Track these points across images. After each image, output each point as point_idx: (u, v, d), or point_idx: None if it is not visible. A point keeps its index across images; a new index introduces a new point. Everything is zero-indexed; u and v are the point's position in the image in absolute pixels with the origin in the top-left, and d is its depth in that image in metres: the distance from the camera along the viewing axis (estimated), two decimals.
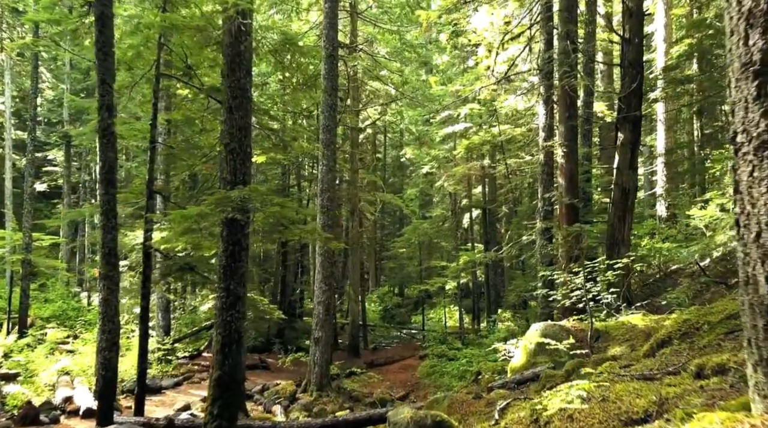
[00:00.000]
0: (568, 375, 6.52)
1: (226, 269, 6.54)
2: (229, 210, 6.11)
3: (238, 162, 6.65)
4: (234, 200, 6.16)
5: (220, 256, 6.58)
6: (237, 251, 6.58)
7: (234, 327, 6.45)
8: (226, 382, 6.30)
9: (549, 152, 13.09)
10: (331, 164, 13.90)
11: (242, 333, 6.51)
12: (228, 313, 6.47)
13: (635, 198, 12.25)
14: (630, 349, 6.92)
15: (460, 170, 22.87)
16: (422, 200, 36.37)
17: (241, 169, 6.67)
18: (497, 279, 26.99)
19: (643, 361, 4.83)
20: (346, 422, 7.81)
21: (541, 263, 12.26)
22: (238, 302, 6.54)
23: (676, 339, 5.22)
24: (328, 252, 13.82)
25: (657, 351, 5.31)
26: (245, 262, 6.65)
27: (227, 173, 6.64)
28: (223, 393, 6.29)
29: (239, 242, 6.57)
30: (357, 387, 14.50)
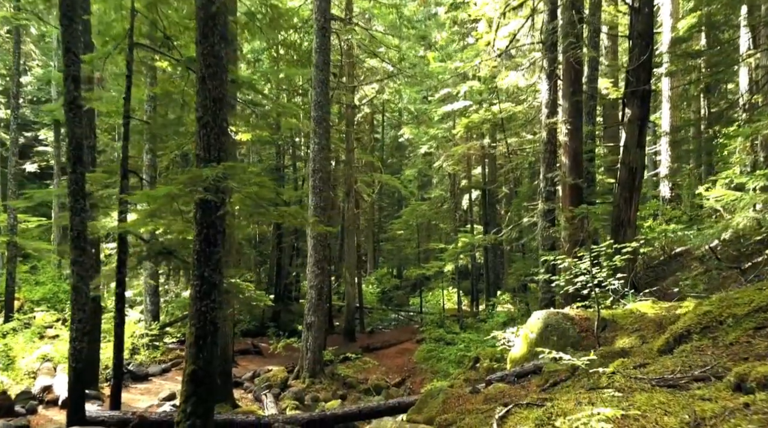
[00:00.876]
0: (573, 370, 6.00)
1: (200, 254, 5.97)
2: (200, 190, 5.52)
3: (212, 137, 6.04)
4: (206, 179, 5.57)
5: (194, 241, 6.00)
6: (212, 234, 6.00)
7: (209, 318, 5.91)
8: (200, 377, 5.78)
9: (552, 130, 12.45)
10: (324, 143, 13.27)
11: (218, 324, 5.97)
12: (202, 303, 5.92)
13: (642, 178, 11.66)
14: (640, 341, 6.39)
15: (459, 150, 22.22)
16: (421, 181, 35.72)
17: (215, 145, 6.06)
18: (496, 261, 26.51)
19: (660, 360, 4.29)
20: (334, 416, 7.33)
21: (542, 246, 11.70)
22: (213, 291, 5.98)
23: (695, 334, 4.67)
24: (320, 235, 13.27)
25: (674, 347, 4.77)
26: (221, 247, 6.07)
27: (200, 149, 6.03)
28: (197, 389, 5.78)
29: (214, 225, 5.99)
30: (351, 373, 14.06)
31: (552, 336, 7.42)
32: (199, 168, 5.80)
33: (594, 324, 7.39)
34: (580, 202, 11.51)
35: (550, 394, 5.71)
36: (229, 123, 9.77)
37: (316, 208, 13.27)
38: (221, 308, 6.14)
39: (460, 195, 28.06)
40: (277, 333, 21.75)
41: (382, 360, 17.04)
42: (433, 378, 14.60)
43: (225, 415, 7.42)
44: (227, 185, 5.61)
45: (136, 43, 8.26)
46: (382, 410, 7.30)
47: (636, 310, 7.47)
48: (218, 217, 6.05)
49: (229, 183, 5.60)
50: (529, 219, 12.62)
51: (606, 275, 7.84)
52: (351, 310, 20.45)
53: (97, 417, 7.31)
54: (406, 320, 26.62)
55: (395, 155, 41.13)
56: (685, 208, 21.74)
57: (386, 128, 37.64)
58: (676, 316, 6.74)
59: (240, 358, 16.17)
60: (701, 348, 4.24)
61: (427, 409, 6.53)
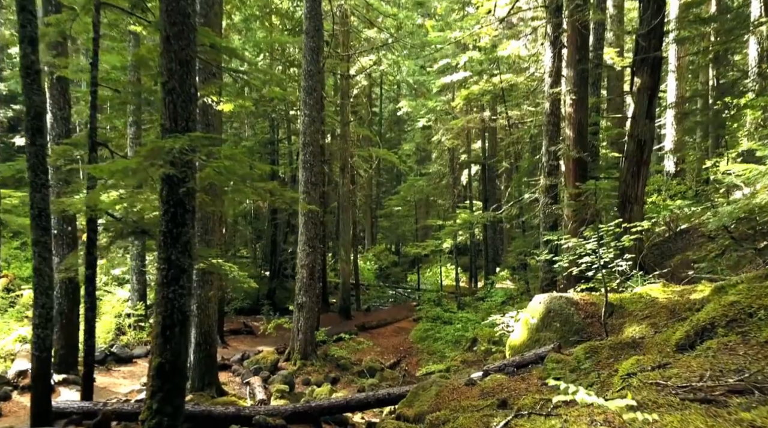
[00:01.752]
0: (579, 363, 5.46)
1: (166, 235, 5.38)
2: (162, 164, 4.90)
3: (178, 105, 5.39)
4: (169, 151, 4.94)
5: (160, 220, 5.40)
6: (180, 214, 5.40)
7: (177, 306, 5.35)
8: (167, 371, 5.24)
9: (555, 101, 11.76)
10: (314, 115, 12.57)
11: (188, 313, 5.41)
12: (170, 289, 5.35)
13: (651, 151, 11.02)
14: (652, 330, 5.84)
15: (458, 123, 21.49)
16: (419, 155, 34.97)
17: (182, 113, 5.41)
18: (496, 237, 25.99)
19: (682, 359, 3.72)
20: (320, 408, 6.83)
21: (544, 223, 11.12)
22: (182, 276, 5.41)
23: (720, 328, 4.11)
24: (312, 212, 12.67)
25: (696, 342, 4.21)
26: (191, 227, 5.47)
27: (166, 118, 5.38)
28: (165, 384, 5.24)
29: (182, 203, 5.38)
30: (345, 354, 13.59)
31: (554, 322, 6.89)
32: (162, 139, 5.16)
33: (600, 310, 6.84)
34: (584, 177, 10.89)
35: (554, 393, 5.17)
36: (211, 92, 9.11)
37: (307, 183, 12.65)
38: (191, 295, 5.57)
39: (460, 170, 27.39)
40: (272, 311, 21.33)
41: (378, 340, 16.61)
42: (429, 360, 14.17)
43: (203, 406, 6.93)
44: (193, 159, 4.98)
45: (103, 3, 7.53)
46: (370, 401, 6.81)
47: (646, 294, 6.92)
48: (187, 194, 5.44)
49: (196, 157, 4.97)
50: (530, 195, 12.00)
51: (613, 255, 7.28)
52: (347, 288, 19.97)
53: (66, 408, 6.82)
54: (404, 297, 26.22)
55: (393, 130, 40.26)
56: (691, 183, 21.12)
57: (385, 102, 36.75)
58: (691, 302, 6.19)
59: (231, 338, 15.73)
60: (730, 347, 3.68)
61: (418, 403, 6.02)
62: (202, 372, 9.72)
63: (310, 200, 12.60)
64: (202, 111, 9.68)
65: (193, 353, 9.83)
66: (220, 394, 9.96)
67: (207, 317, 9.77)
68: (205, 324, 9.79)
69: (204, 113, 9.68)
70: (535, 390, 5.36)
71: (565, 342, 6.69)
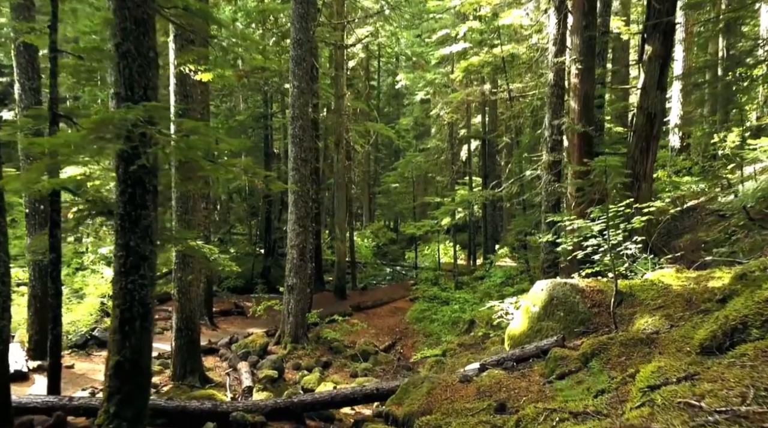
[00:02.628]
0: (586, 360, 4.91)
1: (123, 219, 4.78)
2: (109, 138, 4.27)
3: (134, 70, 4.73)
4: (121, 123, 4.31)
5: (117, 202, 4.79)
6: (139, 195, 4.79)
7: (137, 298, 4.78)
8: (127, 371, 4.70)
9: (559, 71, 11.01)
10: (304, 86, 11.85)
11: (150, 305, 4.85)
12: (128, 279, 4.77)
13: (662, 125, 10.38)
14: (667, 322, 5.28)
15: (458, 97, 20.67)
16: (418, 130, 34.15)
17: (140, 80, 4.76)
18: (495, 214, 25.40)
19: (711, 367, 3.15)
20: (302, 404, 6.31)
21: (546, 202, 10.50)
22: (142, 265, 4.83)
23: (754, 329, 3.53)
24: (302, 189, 12.05)
25: (725, 344, 3.64)
26: (153, 209, 4.87)
27: (120, 85, 4.73)
28: (124, 385, 4.71)
29: (141, 182, 4.77)
30: (338, 337, 13.11)
31: (558, 312, 6.33)
32: (115, 110, 4.52)
33: (608, 298, 6.28)
34: (590, 153, 10.24)
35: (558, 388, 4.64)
36: (188, 61, 8.40)
37: (297, 159, 12.00)
38: (153, 285, 4.99)
39: (459, 146, 26.64)
40: (266, 290, 20.86)
41: (373, 321, 16.14)
42: (425, 342, 13.71)
43: (177, 401, 6.42)
44: (147, 132, 4.35)
45: None
46: (357, 397, 6.30)
47: (657, 281, 6.35)
48: (147, 172, 4.82)
49: (154, 130, 4.33)
50: (532, 172, 11.36)
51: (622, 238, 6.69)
52: (342, 267, 19.46)
53: (29, 403, 6.31)
54: (401, 275, 25.75)
55: (392, 104, 39.34)
56: (697, 158, 20.44)
57: (383, 75, 35.80)
58: (709, 291, 5.62)
59: (221, 319, 15.26)
60: None
61: (408, 401, 5.49)
62: (183, 359, 9.22)
63: (300, 177, 11.97)
64: (179, 81, 9.01)
65: (174, 339, 9.34)
66: (204, 381, 9.49)
67: (188, 302, 9.24)
68: (187, 308, 9.25)
69: (182, 84, 9.00)
70: (537, 391, 4.82)
71: (569, 332, 6.15)
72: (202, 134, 4.59)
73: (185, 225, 9.05)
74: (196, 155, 4.59)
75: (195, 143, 4.52)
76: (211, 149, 4.63)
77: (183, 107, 8.86)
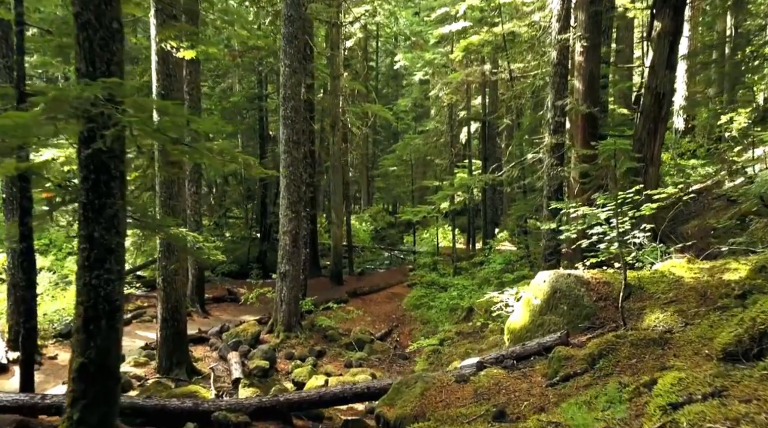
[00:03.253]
0: (593, 361, 4.52)
1: (87, 208, 4.35)
2: (62, 118, 3.82)
3: (95, 43, 4.26)
4: (79, 102, 3.85)
5: (79, 189, 4.36)
6: (104, 181, 4.36)
7: (103, 294, 4.37)
8: (92, 374, 4.32)
9: (563, 49, 10.49)
10: (296, 65, 11.33)
11: (118, 301, 4.45)
12: (92, 273, 4.36)
13: (670, 105, 9.91)
14: (680, 318, 4.88)
15: (457, 77, 20.08)
16: (417, 112, 33.53)
17: (102, 54, 4.29)
18: (495, 197, 24.98)
19: (743, 380, 2.75)
20: (289, 403, 5.94)
21: (548, 186, 10.05)
22: (108, 258, 4.41)
23: None
24: (294, 173, 11.61)
25: (752, 351, 3.23)
26: (119, 197, 4.43)
27: (80, 60, 4.27)
28: (89, 389, 4.32)
29: (106, 167, 4.34)
30: (333, 324, 12.75)
31: (561, 305, 5.93)
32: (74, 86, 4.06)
33: (615, 291, 5.87)
34: (594, 135, 9.78)
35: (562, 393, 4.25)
36: (169, 37, 7.90)
37: (288, 142, 11.53)
38: (122, 280, 4.58)
39: (458, 128, 26.09)
40: (262, 275, 20.49)
41: (369, 307, 15.79)
42: (422, 329, 13.37)
43: (156, 399, 6.05)
44: (108, 112, 3.90)
45: None
46: (347, 396, 5.92)
47: (668, 272, 5.94)
48: (112, 157, 4.38)
49: (109, 108, 3.87)
50: (534, 155, 10.90)
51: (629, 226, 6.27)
52: (338, 252, 19.06)
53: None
54: (399, 259, 25.39)
55: (391, 85, 38.65)
56: (703, 141, 19.94)
57: (381, 56, 35.06)
58: (725, 284, 5.21)
59: (213, 306, 14.90)
60: None
61: (401, 402, 5.11)
62: (169, 351, 8.86)
63: (292, 161, 11.52)
64: (161, 59, 8.49)
65: (159, 330, 8.96)
66: (192, 373, 9.15)
67: (174, 291, 8.84)
68: (172, 297, 8.86)
69: (164, 62, 8.47)
70: (539, 394, 4.43)
71: (573, 327, 5.75)
72: (172, 115, 4.14)
73: (169, 211, 8.61)
74: (163, 137, 4.14)
75: (163, 125, 4.07)
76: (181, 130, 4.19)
77: (165, 86, 8.37)
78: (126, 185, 4.57)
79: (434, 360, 10.44)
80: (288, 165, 11.45)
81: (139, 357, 9.44)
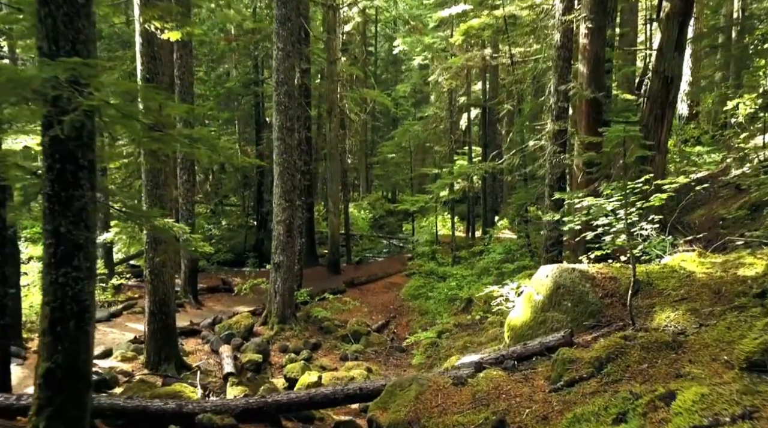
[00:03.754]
0: (600, 366, 4.20)
1: (52, 201, 4.01)
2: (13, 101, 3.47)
3: (60, 20, 3.89)
4: (36, 83, 3.49)
5: (44, 180, 4.01)
6: (70, 171, 4.01)
7: (71, 294, 4.04)
8: (60, 379, 4.00)
9: (567, 31, 10.07)
10: (289, 49, 10.91)
11: (87, 301, 4.13)
12: (59, 271, 4.03)
13: (678, 90, 9.53)
14: (693, 318, 4.55)
15: (457, 62, 19.60)
16: (416, 98, 33.00)
17: (66, 32, 3.92)
18: (496, 185, 24.61)
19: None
20: (277, 404, 5.64)
21: (550, 174, 9.70)
22: (77, 254, 4.08)
23: None
24: (288, 161, 11.23)
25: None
26: (89, 189, 4.09)
27: (42, 38, 3.90)
28: (57, 396, 4.01)
29: (72, 156, 3.99)
30: (329, 315, 12.47)
31: (565, 301, 5.61)
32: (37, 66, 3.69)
33: (621, 287, 5.55)
34: (599, 121, 9.39)
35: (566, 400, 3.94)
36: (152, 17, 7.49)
37: (282, 128, 11.14)
38: (93, 278, 4.25)
39: (458, 114, 25.63)
40: (258, 264, 20.19)
41: (366, 297, 15.52)
42: (420, 320, 13.09)
43: (138, 401, 5.75)
44: (67, 95, 3.53)
45: None
46: (338, 397, 5.62)
47: (678, 267, 5.61)
48: (80, 145, 4.03)
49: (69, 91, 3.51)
50: (536, 142, 10.52)
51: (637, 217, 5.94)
52: (335, 241, 18.75)
53: None
54: (398, 248, 25.08)
55: (390, 70, 38.07)
56: (708, 127, 19.54)
57: (380, 40, 34.47)
58: (740, 280, 4.89)
59: (207, 297, 14.60)
60: None
61: (394, 406, 4.80)
62: (158, 346, 8.56)
63: (285, 148, 11.14)
64: (146, 41, 8.09)
65: (147, 324, 8.66)
66: (182, 368, 8.86)
67: (161, 284, 8.52)
68: (160, 290, 8.54)
69: (149, 44, 8.07)
70: (542, 401, 4.12)
71: (577, 325, 5.44)
72: (150, 98, 3.77)
73: (156, 201, 8.27)
74: (132, 124, 3.78)
75: (130, 110, 3.71)
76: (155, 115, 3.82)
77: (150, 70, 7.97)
78: (96, 175, 4.22)
79: (432, 353, 10.16)
80: (281, 152, 11.07)
81: (127, 352, 9.15)
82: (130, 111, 3.68)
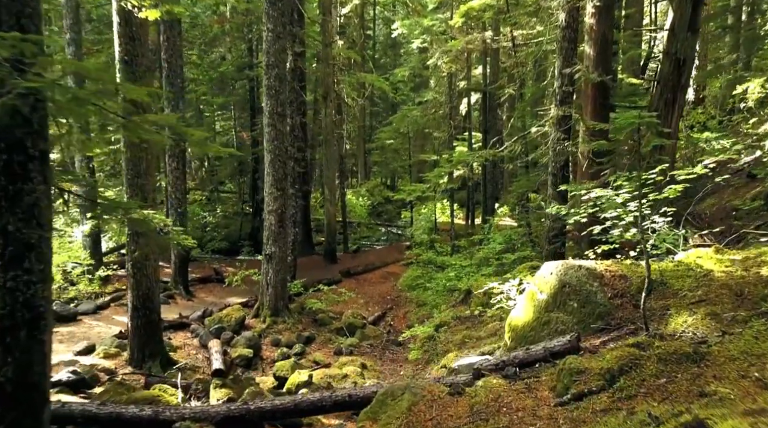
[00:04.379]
0: (612, 378, 3.78)
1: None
2: None
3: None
4: None
5: None
6: (19, 162, 3.58)
7: (21, 300, 3.63)
8: (8, 394, 3.62)
9: (572, 11, 9.52)
10: (279, 30, 10.39)
11: (42, 307, 3.72)
12: (8, 275, 3.62)
13: (691, 73, 9.03)
14: (714, 324, 4.13)
15: (457, 45, 19.01)
16: (415, 82, 32.35)
17: (10, 5, 3.47)
18: (496, 171, 24.11)
19: None
20: (260, 411, 5.25)
21: (553, 162, 9.23)
22: (28, 255, 3.66)
23: None
24: (279, 148, 10.77)
25: None
26: (41, 181, 3.65)
27: None
28: (7, 413, 3.63)
29: (21, 146, 3.56)
30: (324, 307, 12.08)
31: (571, 301, 5.19)
32: None
33: (632, 286, 5.12)
34: (605, 106, 8.92)
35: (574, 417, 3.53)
36: None
37: (272, 114, 10.65)
38: (48, 281, 3.82)
39: (458, 99, 25.04)
40: (253, 252, 19.82)
41: (363, 287, 15.13)
42: (417, 312, 12.70)
43: (112, 407, 5.36)
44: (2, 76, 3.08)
45: None
46: (326, 405, 5.23)
47: (694, 264, 5.18)
48: (30, 133, 3.58)
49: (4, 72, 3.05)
50: (538, 128, 10.03)
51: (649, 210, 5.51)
52: (332, 230, 18.32)
53: None
54: (397, 235, 24.67)
55: (388, 54, 37.36)
56: (715, 112, 19.01)
57: (379, 24, 33.74)
58: (764, 281, 4.46)
59: (199, 288, 14.21)
60: None
61: (385, 417, 4.40)
62: (141, 342, 8.17)
63: (276, 134, 10.67)
64: (123, 20, 7.59)
65: (130, 319, 8.26)
66: (168, 365, 8.48)
67: (145, 278, 8.10)
68: (144, 285, 8.13)
69: (127, 24, 7.57)
70: (547, 416, 3.72)
71: (584, 328, 5.02)
72: (96, 80, 3.32)
73: (137, 191, 7.83)
74: (79, 110, 3.33)
75: (82, 94, 3.25)
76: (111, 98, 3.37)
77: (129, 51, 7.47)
78: (49, 167, 3.77)
79: (429, 347, 9.78)
80: (272, 139, 10.60)
81: (110, 348, 8.76)
82: (82, 94, 3.22)
